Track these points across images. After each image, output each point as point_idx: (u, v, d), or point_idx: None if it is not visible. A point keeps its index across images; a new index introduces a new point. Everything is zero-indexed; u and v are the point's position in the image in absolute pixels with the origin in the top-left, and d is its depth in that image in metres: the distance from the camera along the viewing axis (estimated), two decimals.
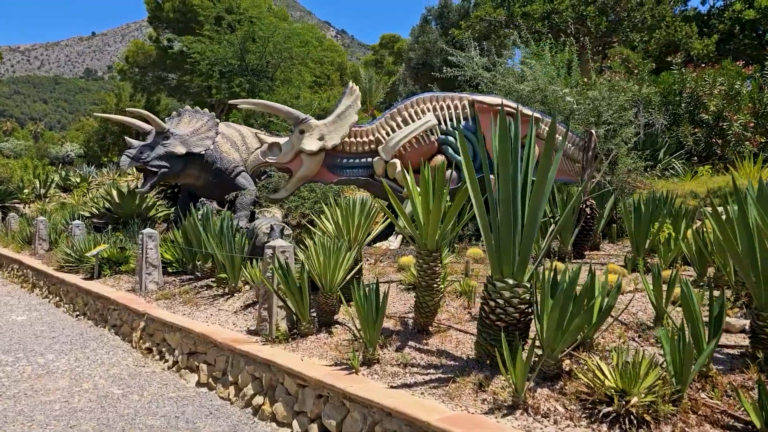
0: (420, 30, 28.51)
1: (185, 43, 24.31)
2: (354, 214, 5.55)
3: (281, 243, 5.07)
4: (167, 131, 10.34)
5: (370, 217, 5.67)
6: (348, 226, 5.53)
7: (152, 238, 7.44)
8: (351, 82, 8.45)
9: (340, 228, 5.56)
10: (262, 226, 7.29)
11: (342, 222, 5.57)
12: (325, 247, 4.83)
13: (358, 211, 5.57)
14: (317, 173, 8.13)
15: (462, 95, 8.40)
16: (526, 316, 3.66)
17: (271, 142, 8.07)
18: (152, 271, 7.39)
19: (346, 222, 5.53)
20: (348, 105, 8.01)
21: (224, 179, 11.22)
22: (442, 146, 8.11)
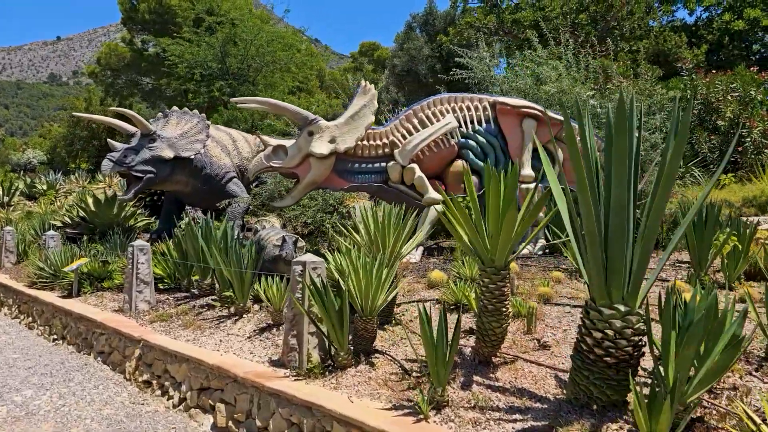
0: (405, 37, 28.02)
1: (163, 45, 23.28)
2: (390, 223, 4.85)
3: (312, 258, 4.33)
4: (153, 133, 9.48)
5: (409, 228, 4.98)
6: (384, 238, 4.83)
7: (144, 252, 6.59)
8: (363, 80, 7.76)
9: (373, 240, 4.86)
10: (270, 237, 6.53)
11: (377, 233, 4.86)
12: (365, 263, 4.12)
13: (395, 220, 4.87)
14: (327, 179, 7.41)
15: (481, 96, 7.80)
16: (639, 349, 3.01)
17: (275, 145, 7.31)
18: (144, 289, 6.53)
19: (382, 233, 4.82)
20: (362, 105, 7.32)
21: (214, 186, 10.39)
22: (463, 150, 7.48)
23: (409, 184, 7.39)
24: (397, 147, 7.40)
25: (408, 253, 6.98)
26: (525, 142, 7.46)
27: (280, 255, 5.91)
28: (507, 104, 7.46)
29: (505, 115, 7.53)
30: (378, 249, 4.88)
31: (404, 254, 5.01)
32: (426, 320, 3.39)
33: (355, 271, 4.11)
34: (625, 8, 18.67)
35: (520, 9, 20.65)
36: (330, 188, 7.70)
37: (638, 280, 2.95)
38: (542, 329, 4.38)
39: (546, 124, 7.53)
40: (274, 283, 5.21)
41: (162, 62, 27.92)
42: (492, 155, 7.52)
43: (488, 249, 3.72)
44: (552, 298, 5.04)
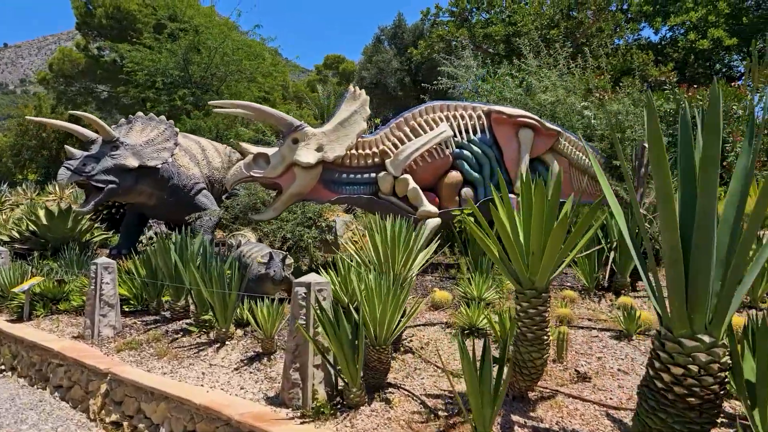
0: (373, 49, 27.77)
1: (122, 51, 22.25)
2: (401, 238, 4.34)
3: (317, 279, 3.77)
4: (116, 140, 8.72)
5: (420, 244, 4.48)
6: (394, 254, 4.31)
7: (109, 270, 5.86)
8: (352, 85, 7.27)
9: (382, 257, 4.34)
10: (253, 254, 5.92)
11: (386, 250, 4.34)
12: (380, 285, 3.59)
13: (405, 235, 4.37)
14: (312, 190, 6.86)
15: (475, 104, 7.42)
16: (724, 387, 2.58)
17: (256, 153, 6.73)
18: (108, 312, 5.79)
19: (392, 249, 4.31)
20: (353, 111, 6.81)
21: (182, 198, 9.65)
22: (457, 161, 7.06)
23: (402, 195, 6.90)
24: (389, 156, 6.92)
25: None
26: (522, 153, 7.10)
27: (267, 274, 5.32)
28: (503, 113, 7.10)
29: (500, 124, 7.16)
30: (385, 267, 4.36)
31: (415, 272, 4.50)
32: (464, 354, 2.89)
33: (368, 293, 3.57)
34: (594, 25, 18.86)
35: (491, 24, 20.64)
36: (315, 200, 7.15)
37: (725, 305, 2.53)
38: (573, 357, 3.94)
39: (543, 134, 7.20)
40: (263, 306, 4.61)
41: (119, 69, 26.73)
42: (487, 166, 7.12)
43: (528, 268, 3.26)
44: (572, 320, 4.62)
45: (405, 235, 4.33)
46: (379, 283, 3.58)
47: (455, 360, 4.10)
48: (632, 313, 4.18)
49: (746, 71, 14.89)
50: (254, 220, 7.36)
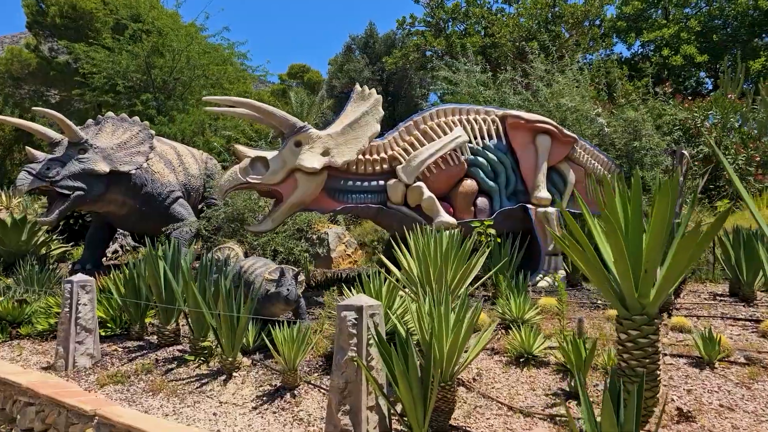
0: (344, 58, 27.24)
1: (79, 51, 20.96)
2: (450, 252, 3.75)
3: (368, 301, 3.13)
4: (84, 142, 7.83)
5: (474, 257, 3.90)
6: (443, 270, 3.72)
7: (86, 290, 5.03)
8: (358, 84, 6.69)
9: (432, 274, 3.74)
10: (257, 270, 5.20)
11: (431, 264, 3.75)
12: (446, 309, 2.99)
13: (452, 247, 3.78)
14: (315, 199, 6.20)
15: (488, 108, 6.95)
16: None
17: (253, 157, 6.04)
18: (86, 338, 4.95)
19: (441, 263, 3.71)
20: (363, 111, 6.22)
21: (156, 207, 8.80)
22: (471, 168, 6.54)
23: (414, 205, 6.33)
24: (399, 162, 6.35)
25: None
26: (540, 161, 6.64)
27: (279, 293, 4.62)
28: (521, 118, 6.64)
29: (516, 129, 6.71)
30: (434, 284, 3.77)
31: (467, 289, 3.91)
32: (611, 393, 2.32)
33: (436, 318, 2.97)
34: (571, 39, 18.90)
35: (468, 34, 20.45)
36: (317, 210, 6.49)
37: None
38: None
39: (560, 141, 6.77)
40: (284, 330, 3.93)
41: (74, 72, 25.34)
42: (503, 175, 6.64)
43: (639, 289, 2.72)
44: None
45: (452, 248, 3.74)
46: (446, 306, 2.98)
47: (518, 395, 3.52)
48: (712, 338, 3.71)
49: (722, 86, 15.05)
50: (251, 232, 6.62)
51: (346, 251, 9.01)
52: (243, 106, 6.14)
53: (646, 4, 20.07)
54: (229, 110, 6.61)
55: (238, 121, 18.42)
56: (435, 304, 3.00)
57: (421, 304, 3.17)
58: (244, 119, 17.72)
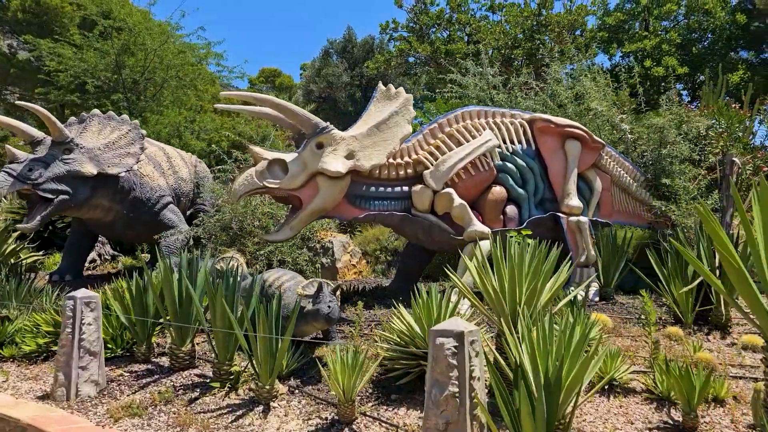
0: (322, 62, 26.76)
1: (43, 48, 19.86)
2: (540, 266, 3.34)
3: (467, 326, 2.68)
4: (70, 142, 7.15)
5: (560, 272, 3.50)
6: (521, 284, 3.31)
7: (91, 307, 4.41)
8: (381, 83, 6.24)
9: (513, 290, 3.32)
10: (282, 282, 4.69)
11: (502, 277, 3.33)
12: (569, 331, 2.58)
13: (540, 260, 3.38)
14: (336, 205, 5.73)
15: (513, 111, 6.61)
16: None
17: (271, 159, 5.53)
18: (90, 363, 4.33)
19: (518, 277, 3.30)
20: (392, 111, 5.77)
21: (144, 213, 8.14)
22: (500, 174, 6.17)
23: (442, 212, 5.92)
24: (425, 167, 5.93)
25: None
26: (570, 168, 6.33)
27: (318, 310, 4.13)
28: (551, 122, 6.31)
29: (545, 134, 6.38)
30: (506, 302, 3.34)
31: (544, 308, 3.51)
32: None
33: (544, 343, 2.55)
34: (555, 48, 18.91)
35: (453, 41, 20.26)
36: (337, 217, 6.01)
37: None
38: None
39: (589, 147, 6.48)
40: (338, 354, 3.44)
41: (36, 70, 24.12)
42: (531, 182, 6.30)
43: None
44: (715, 368, 3.80)
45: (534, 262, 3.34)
46: (569, 330, 2.56)
47: (618, 429, 3.12)
48: None
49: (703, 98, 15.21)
50: (268, 241, 6.07)
51: (351, 261, 8.52)
52: (264, 103, 5.62)
53: (627, 15, 20.29)
54: (243, 108, 6.09)
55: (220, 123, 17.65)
56: (548, 328, 2.58)
57: (524, 326, 2.74)
58: (249, 118, 16.91)
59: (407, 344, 3.71)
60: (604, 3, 20.61)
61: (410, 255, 6.98)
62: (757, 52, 19.23)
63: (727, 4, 19.23)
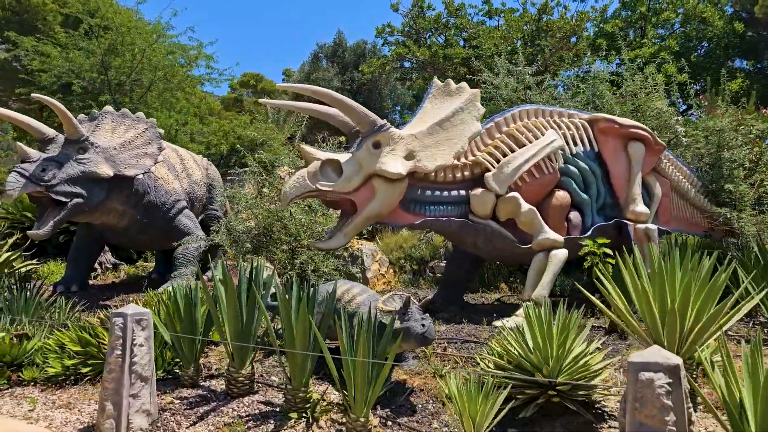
0: (312, 67, 26.24)
1: (26, 46, 18.94)
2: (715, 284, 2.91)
3: (671, 357, 2.23)
4: (84, 140, 6.53)
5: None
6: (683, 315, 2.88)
7: (142, 325, 3.84)
8: (437, 78, 5.80)
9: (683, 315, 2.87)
10: (355, 297, 4.19)
11: (664, 299, 2.90)
12: None
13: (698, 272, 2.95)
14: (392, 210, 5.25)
15: (570, 111, 6.24)
16: None
17: (325, 159, 5.03)
18: (141, 390, 3.76)
19: (681, 297, 2.87)
20: (456, 108, 5.33)
21: (159, 218, 7.55)
22: (563, 178, 5.78)
23: (505, 218, 5.49)
24: (484, 168, 5.51)
25: None
26: (634, 171, 5.97)
27: (409, 329, 3.64)
28: (615, 122, 5.96)
29: (607, 135, 6.02)
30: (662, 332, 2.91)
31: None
32: None
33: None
34: (556, 54, 18.80)
35: (450, 45, 19.98)
36: (391, 223, 5.51)
37: None
38: None
39: (652, 150, 6.14)
40: (452, 381, 2.96)
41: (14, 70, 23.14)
42: (594, 186, 5.92)
43: None
44: None
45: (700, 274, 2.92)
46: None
47: None
48: None
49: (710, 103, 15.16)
50: (319, 249, 5.54)
51: (380, 270, 8.03)
52: (323, 97, 5.12)
53: (625, 23, 20.32)
54: (285, 103, 5.61)
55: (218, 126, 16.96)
56: (758, 358, 2.16)
57: (724, 356, 2.31)
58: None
59: (528, 369, 3.25)
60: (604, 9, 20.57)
61: (457, 264, 6.53)
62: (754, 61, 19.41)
63: (724, 13, 19.39)
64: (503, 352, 3.56)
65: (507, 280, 7.64)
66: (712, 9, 18.74)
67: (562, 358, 3.16)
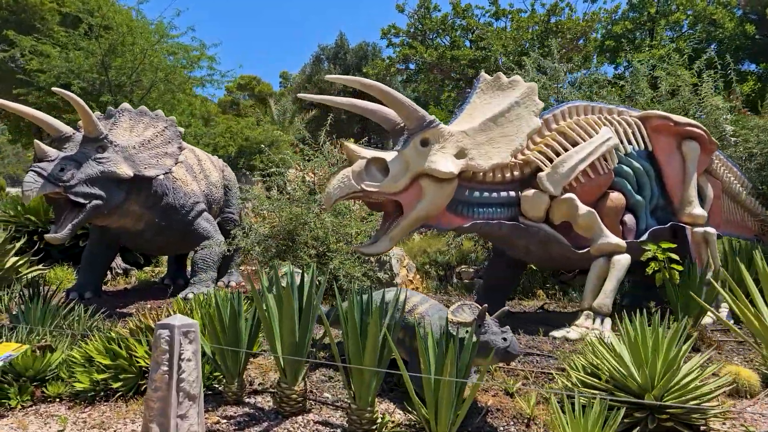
0: (313, 69, 25.93)
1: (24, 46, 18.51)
2: None
3: None
4: (104, 138, 6.16)
5: None
6: None
7: (190, 338, 3.47)
8: (484, 72, 5.47)
9: None
10: (415, 305, 3.85)
11: None
12: None
13: None
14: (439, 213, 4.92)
15: (620, 108, 5.94)
16: None
17: (370, 158, 4.69)
18: (189, 410, 3.39)
19: None
20: (512, 103, 5.00)
21: (177, 222, 7.18)
22: (617, 178, 5.47)
23: (559, 221, 5.17)
24: (536, 168, 5.19)
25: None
26: (689, 171, 5.67)
27: (488, 342, 3.30)
28: (670, 120, 5.66)
29: (661, 133, 5.73)
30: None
31: None
32: None
33: None
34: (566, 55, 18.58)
35: (457, 46, 19.73)
36: (437, 227, 5.17)
37: None
38: None
39: (706, 149, 5.85)
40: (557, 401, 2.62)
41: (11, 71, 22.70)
42: (647, 186, 5.61)
43: None
44: None
45: None
46: None
47: None
48: None
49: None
50: (364, 254, 5.18)
51: (408, 276, 7.69)
52: (372, 89, 4.75)
53: (634, 24, 20.15)
54: (325, 98, 5.22)
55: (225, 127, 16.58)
56: None
57: None
58: (256, 124, 15.79)
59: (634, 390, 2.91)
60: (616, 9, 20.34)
61: (499, 269, 6.20)
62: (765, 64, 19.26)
63: (734, 15, 19.26)
64: (592, 368, 3.22)
65: (543, 287, 7.32)
66: (722, 11, 18.58)
67: (672, 377, 2.83)
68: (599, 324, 4.80)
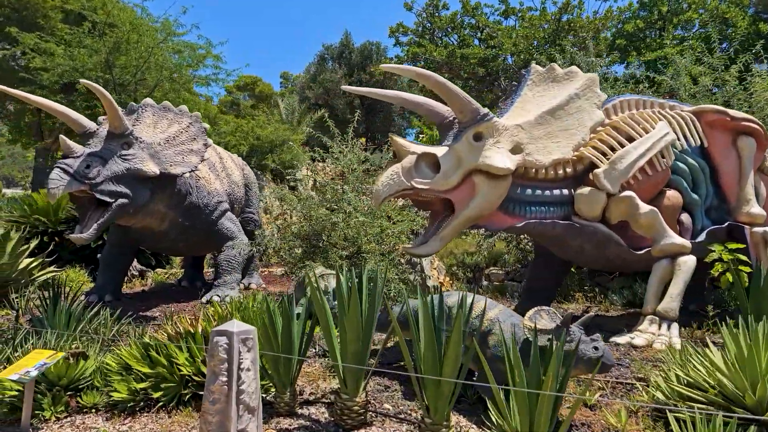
0: (318, 68, 25.64)
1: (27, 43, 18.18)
2: None
3: None
4: (129, 134, 5.87)
5: None
6: None
7: (248, 345, 3.20)
8: (535, 63, 5.21)
9: None
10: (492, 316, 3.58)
11: None
12: None
13: None
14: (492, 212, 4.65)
15: (672, 102, 5.69)
16: None
17: (420, 153, 4.43)
18: (249, 424, 3.11)
19: None
20: (571, 95, 4.74)
21: (201, 221, 6.91)
22: (673, 176, 5.22)
23: (616, 221, 4.91)
24: (590, 164, 4.93)
25: None
26: (746, 169, 5.43)
27: (581, 354, 3.04)
28: (726, 114, 5.41)
29: (716, 129, 5.48)
30: None
31: None
32: None
33: None
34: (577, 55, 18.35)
35: (466, 45, 19.49)
36: (488, 227, 4.90)
37: None
38: None
39: (762, 145, 5.61)
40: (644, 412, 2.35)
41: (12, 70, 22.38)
42: (702, 185, 5.36)
43: None
44: None
45: None
46: None
47: None
48: None
49: None
50: (412, 255, 4.90)
51: (438, 278, 7.43)
52: (425, 79, 4.48)
53: (645, 23, 19.95)
54: (371, 91, 4.94)
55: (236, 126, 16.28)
56: None
57: None
58: (267, 123, 15.47)
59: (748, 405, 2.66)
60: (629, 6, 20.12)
61: (543, 271, 5.94)
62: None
63: (747, 14, 19.09)
64: (688, 379, 2.96)
65: (581, 289, 7.06)
66: (735, 9, 18.40)
67: None
68: (666, 330, 4.54)
